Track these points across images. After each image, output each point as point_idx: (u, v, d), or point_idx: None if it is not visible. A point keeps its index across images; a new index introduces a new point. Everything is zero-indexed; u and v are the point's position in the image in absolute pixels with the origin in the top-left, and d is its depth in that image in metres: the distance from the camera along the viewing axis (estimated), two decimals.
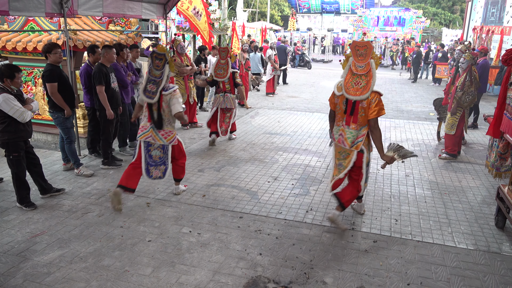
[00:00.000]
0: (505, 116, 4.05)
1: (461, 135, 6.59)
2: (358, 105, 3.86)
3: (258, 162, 6.27)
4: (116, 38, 7.71)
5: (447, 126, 6.51)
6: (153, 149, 4.62)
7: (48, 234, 4.04)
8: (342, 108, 3.97)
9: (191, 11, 10.08)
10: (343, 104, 3.95)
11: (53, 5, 5.71)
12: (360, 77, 3.84)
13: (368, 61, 3.81)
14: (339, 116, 4.08)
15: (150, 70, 4.48)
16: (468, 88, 6.15)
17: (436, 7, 47.13)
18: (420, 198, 5.05)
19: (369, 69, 3.81)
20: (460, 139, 6.61)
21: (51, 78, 5.12)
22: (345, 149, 4.05)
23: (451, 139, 6.50)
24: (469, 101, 6.21)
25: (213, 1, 20.37)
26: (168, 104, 4.47)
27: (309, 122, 9.06)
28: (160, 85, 4.42)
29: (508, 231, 4.22)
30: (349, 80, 3.90)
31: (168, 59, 4.47)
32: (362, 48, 3.81)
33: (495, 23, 14.07)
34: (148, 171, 4.66)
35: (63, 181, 5.41)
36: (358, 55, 3.85)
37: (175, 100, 4.45)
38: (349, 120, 3.94)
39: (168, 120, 4.57)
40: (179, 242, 3.93)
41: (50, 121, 7.09)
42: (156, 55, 4.46)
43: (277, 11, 44.12)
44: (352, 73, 3.90)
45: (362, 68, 3.83)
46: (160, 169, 4.69)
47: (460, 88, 6.18)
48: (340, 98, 3.99)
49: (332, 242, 3.97)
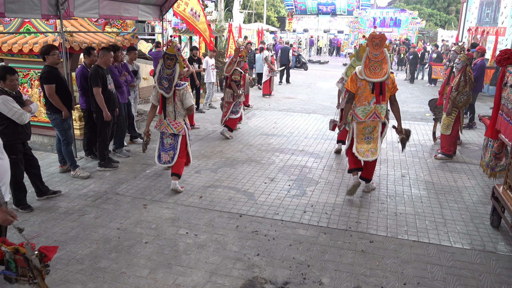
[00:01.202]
0: (500, 116, 4.08)
1: (457, 135, 6.63)
2: (384, 85, 4.70)
3: (254, 163, 6.28)
4: (113, 40, 7.71)
5: (442, 127, 6.55)
6: (166, 137, 5.25)
7: (44, 236, 4.03)
8: (369, 90, 4.76)
9: (188, 12, 10.09)
10: (369, 86, 4.74)
11: (49, 6, 5.70)
12: (377, 63, 4.69)
13: (382, 49, 4.63)
14: (364, 96, 4.81)
15: (162, 68, 5.04)
16: (463, 88, 6.20)
17: (431, 8, 47.32)
18: (416, 198, 5.08)
19: (384, 56, 4.67)
20: (456, 139, 6.65)
21: (49, 79, 5.11)
22: (369, 124, 4.86)
23: (447, 140, 6.54)
24: (464, 101, 6.27)
25: (209, 2, 20.41)
26: (181, 98, 5.06)
27: (305, 123, 9.08)
28: (172, 82, 5.00)
29: (503, 231, 4.25)
30: (367, 66, 4.72)
31: (178, 59, 5.04)
32: (377, 39, 4.65)
33: (490, 24, 14.16)
34: (159, 157, 5.24)
35: (60, 183, 5.40)
36: (374, 45, 4.66)
37: (188, 95, 5.09)
38: (379, 98, 4.76)
39: (179, 112, 5.13)
40: (176, 244, 3.93)
41: (46, 123, 7.09)
42: (167, 56, 5.03)
43: (274, 13, 44.17)
44: (369, 60, 4.71)
45: (377, 55, 4.67)
46: (169, 154, 5.21)
47: (455, 88, 6.23)
48: (364, 82, 4.74)
49: (328, 243, 3.98)
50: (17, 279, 2.84)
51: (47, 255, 2.82)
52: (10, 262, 2.80)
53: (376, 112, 4.80)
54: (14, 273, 2.83)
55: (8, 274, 2.83)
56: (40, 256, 2.79)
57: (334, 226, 4.32)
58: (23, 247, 2.74)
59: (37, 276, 2.80)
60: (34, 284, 2.81)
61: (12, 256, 2.79)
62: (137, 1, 7.61)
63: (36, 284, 2.81)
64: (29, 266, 2.77)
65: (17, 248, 2.77)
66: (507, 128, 3.85)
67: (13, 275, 2.83)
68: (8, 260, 2.80)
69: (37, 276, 2.80)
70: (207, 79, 10.44)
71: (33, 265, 2.77)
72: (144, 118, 9.27)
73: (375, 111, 4.80)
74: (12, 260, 2.80)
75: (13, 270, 2.83)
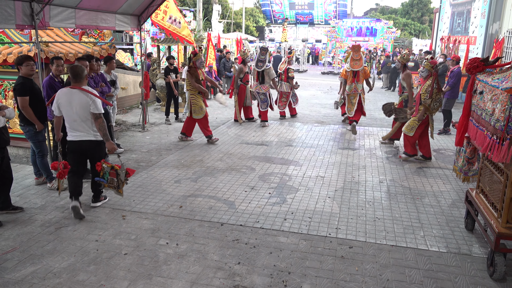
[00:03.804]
0: (471, 122, 4.21)
1: (424, 138, 6.88)
2: (359, 73, 8.81)
3: (235, 172, 6.30)
4: (90, 50, 7.64)
5: (407, 127, 6.88)
6: (260, 94, 9.69)
7: (19, 250, 3.93)
8: (352, 76, 8.83)
9: (167, 21, 10.07)
10: (352, 73, 8.82)
11: (23, 16, 5.61)
12: (356, 60, 8.77)
13: (359, 53, 8.82)
14: (350, 79, 8.86)
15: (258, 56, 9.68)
16: (436, 95, 6.45)
17: (406, 18, 48.66)
18: (394, 203, 5.18)
19: (360, 57, 8.78)
20: (415, 141, 6.98)
21: (22, 91, 5.02)
22: (352, 94, 8.88)
23: (409, 140, 6.90)
24: (437, 108, 6.63)
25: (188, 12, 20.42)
26: (268, 73, 9.65)
27: (285, 131, 9.16)
28: (264, 63, 9.56)
29: (477, 233, 4.38)
30: (351, 62, 8.81)
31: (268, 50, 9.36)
32: (356, 47, 8.89)
33: (461, 33, 14.64)
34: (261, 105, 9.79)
35: (35, 196, 5.28)
36: (355, 50, 8.82)
37: (271, 71, 9.68)
38: (356, 80, 8.84)
39: (267, 81, 9.68)
40: (156, 254, 3.89)
41: (20, 135, 6.92)
42: (262, 48, 9.80)
43: (252, 22, 44.56)
44: (353, 60, 8.79)
45: (356, 56, 8.78)
46: (265, 103, 9.75)
47: (429, 95, 6.44)
48: (350, 72, 8.83)
49: (309, 249, 4.02)
50: (106, 185, 4.71)
51: (129, 173, 4.65)
52: (106, 174, 4.63)
53: (356, 87, 8.83)
54: (105, 181, 4.66)
55: (101, 181, 4.68)
56: (126, 173, 4.60)
57: (314, 232, 4.37)
58: (118, 166, 4.58)
59: (120, 185, 4.64)
60: (116, 190, 4.65)
61: (109, 170, 4.61)
62: (114, 11, 7.57)
63: (117, 189, 4.64)
64: (117, 178, 4.60)
65: (113, 166, 4.61)
66: (477, 134, 3.98)
67: (104, 182, 4.68)
68: (105, 172, 4.62)
69: (121, 185, 4.64)
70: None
71: (120, 178, 4.60)
72: (123, 128, 9.18)
73: (355, 87, 8.84)
74: (108, 173, 4.62)
75: (105, 179, 4.65)
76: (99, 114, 4.55)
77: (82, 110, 4.51)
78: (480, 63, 4.02)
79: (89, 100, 4.51)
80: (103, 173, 4.61)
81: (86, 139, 4.62)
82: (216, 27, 28.28)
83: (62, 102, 4.53)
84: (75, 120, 4.54)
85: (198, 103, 7.78)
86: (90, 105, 4.51)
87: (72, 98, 4.51)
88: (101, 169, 4.58)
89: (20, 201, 5.12)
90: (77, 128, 4.58)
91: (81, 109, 4.51)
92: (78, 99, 4.50)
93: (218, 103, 9.69)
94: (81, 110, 4.51)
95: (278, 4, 34.67)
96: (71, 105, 4.51)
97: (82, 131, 4.59)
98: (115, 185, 4.61)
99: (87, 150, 4.69)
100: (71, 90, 4.54)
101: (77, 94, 4.51)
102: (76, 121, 4.54)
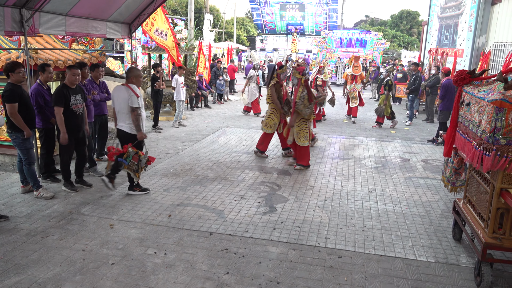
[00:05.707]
0: (458, 133, 4.27)
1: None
2: (357, 76, 11.68)
3: (224, 181, 6.28)
4: (80, 57, 7.60)
5: (300, 139, 6.90)
6: None
7: (3, 260, 3.86)
8: (351, 78, 11.64)
9: (153, 33, 10.12)
10: (352, 77, 11.64)
11: (13, 23, 5.58)
12: (356, 67, 11.67)
13: (359, 62, 11.87)
14: (350, 81, 11.66)
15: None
16: (307, 101, 6.78)
17: (395, 29, 49.40)
18: (383, 213, 5.21)
19: (359, 64, 11.86)
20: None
21: (11, 98, 4.97)
22: (352, 91, 11.63)
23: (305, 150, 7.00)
24: (310, 113, 6.88)
25: (179, 21, 20.47)
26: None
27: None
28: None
29: (464, 243, 4.41)
30: (352, 69, 11.67)
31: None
32: (357, 57, 11.94)
33: (449, 46, 14.89)
34: None
35: (22, 204, 5.20)
36: (355, 60, 11.75)
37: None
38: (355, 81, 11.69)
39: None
40: (143, 264, 3.85)
41: (7, 142, 6.83)
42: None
43: (243, 32, 44.83)
44: (354, 66, 11.67)
45: (356, 63, 11.72)
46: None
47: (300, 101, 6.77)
48: (351, 75, 11.66)
49: (298, 259, 4.00)
50: (126, 167, 5.24)
51: (151, 160, 5.50)
52: (129, 157, 5.21)
53: (354, 87, 11.65)
54: (126, 163, 5.21)
55: (123, 162, 5.20)
56: (147, 160, 5.42)
57: (304, 242, 4.36)
58: (142, 153, 5.34)
59: (139, 170, 5.36)
60: (134, 173, 5.31)
61: (133, 154, 5.23)
62: (105, 18, 7.56)
63: (135, 172, 5.31)
64: (138, 163, 5.26)
65: (137, 152, 5.28)
66: (464, 144, 4.03)
67: (125, 163, 5.21)
68: (129, 155, 5.20)
69: (140, 169, 5.36)
70: (177, 97, 10.40)
71: (140, 164, 5.30)
72: (112, 136, 9.10)
73: (354, 87, 11.65)
74: (131, 156, 5.22)
75: (127, 161, 5.21)
76: (134, 108, 5.28)
77: (123, 103, 5.32)
78: (467, 75, 4.09)
79: (128, 96, 5.28)
80: (127, 156, 5.21)
81: (121, 128, 5.46)
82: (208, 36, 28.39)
83: (113, 96, 5.45)
84: (118, 111, 5.40)
85: (274, 119, 7.57)
86: (128, 100, 5.27)
87: (119, 94, 5.36)
88: (126, 152, 5.23)
89: (6, 209, 5.03)
90: (119, 118, 5.43)
91: (122, 102, 5.32)
92: (121, 94, 5.33)
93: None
94: (123, 103, 5.33)
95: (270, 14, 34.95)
96: (118, 99, 5.38)
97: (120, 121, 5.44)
98: (134, 168, 5.27)
99: (120, 136, 5.53)
100: (120, 86, 5.42)
101: (123, 90, 5.35)
102: (119, 112, 5.40)
